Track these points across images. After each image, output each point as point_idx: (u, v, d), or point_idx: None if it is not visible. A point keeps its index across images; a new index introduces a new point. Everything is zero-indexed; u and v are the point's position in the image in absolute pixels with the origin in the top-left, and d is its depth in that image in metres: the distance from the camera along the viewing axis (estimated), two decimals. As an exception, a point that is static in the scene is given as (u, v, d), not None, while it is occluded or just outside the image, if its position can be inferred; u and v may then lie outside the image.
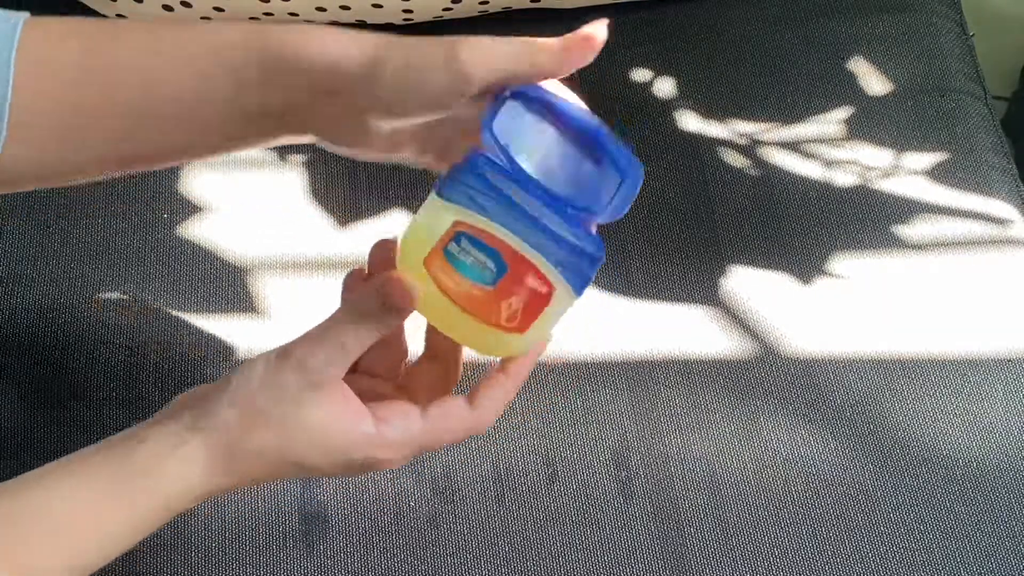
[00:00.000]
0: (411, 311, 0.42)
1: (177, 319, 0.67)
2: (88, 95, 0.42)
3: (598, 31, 0.39)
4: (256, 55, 0.41)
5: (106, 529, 0.43)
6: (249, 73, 0.41)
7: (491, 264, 0.41)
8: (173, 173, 0.73)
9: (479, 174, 0.41)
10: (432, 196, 0.42)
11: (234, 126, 0.43)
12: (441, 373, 0.47)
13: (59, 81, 0.42)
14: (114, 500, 0.42)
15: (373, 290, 0.42)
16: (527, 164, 0.41)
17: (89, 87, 0.42)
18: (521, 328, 0.42)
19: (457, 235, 0.41)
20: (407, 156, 0.46)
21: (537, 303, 0.42)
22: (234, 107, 0.42)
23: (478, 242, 0.41)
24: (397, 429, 0.43)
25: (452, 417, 0.44)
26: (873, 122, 0.79)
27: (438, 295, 0.42)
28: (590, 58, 0.40)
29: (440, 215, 0.41)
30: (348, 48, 0.40)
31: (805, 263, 0.73)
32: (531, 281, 0.41)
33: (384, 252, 0.47)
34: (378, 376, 0.48)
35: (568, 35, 0.39)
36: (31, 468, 0.43)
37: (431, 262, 0.41)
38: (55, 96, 0.42)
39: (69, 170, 0.45)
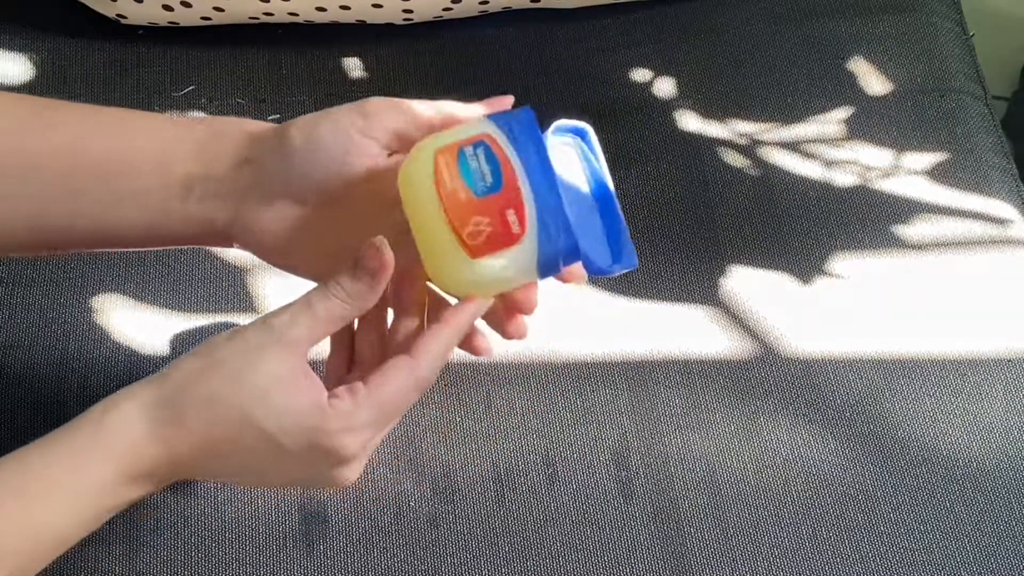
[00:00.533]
0: (384, 276, 0.44)
1: (177, 319, 0.67)
2: (9, 156, 0.45)
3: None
4: (186, 131, 0.47)
5: (60, 489, 0.43)
6: (181, 146, 0.46)
7: (490, 179, 0.43)
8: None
9: (531, 120, 0.44)
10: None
11: (157, 197, 0.46)
12: None
13: None
14: (63, 456, 0.43)
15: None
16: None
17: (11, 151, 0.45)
18: (475, 252, 0.44)
19: (478, 142, 0.44)
20: (299, 266, 0.50)
21: (503, 238, 0.43)
22: (161, 175, 0.46)
23: (492, 156, 0.43)
24: (345, 399, 0.45)
25: (391, 371, 0.45)
26: (873, 122, 0.79)
27: (428, 183, 0.44)
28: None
29: (475, 125, 0.45)
30: (263, 125, 0.48)
31: (805, 263, 0.73)
32: (511, 215, 0.43)
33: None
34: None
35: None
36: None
37: (443, 153, 0.44)
38: None
39: None
